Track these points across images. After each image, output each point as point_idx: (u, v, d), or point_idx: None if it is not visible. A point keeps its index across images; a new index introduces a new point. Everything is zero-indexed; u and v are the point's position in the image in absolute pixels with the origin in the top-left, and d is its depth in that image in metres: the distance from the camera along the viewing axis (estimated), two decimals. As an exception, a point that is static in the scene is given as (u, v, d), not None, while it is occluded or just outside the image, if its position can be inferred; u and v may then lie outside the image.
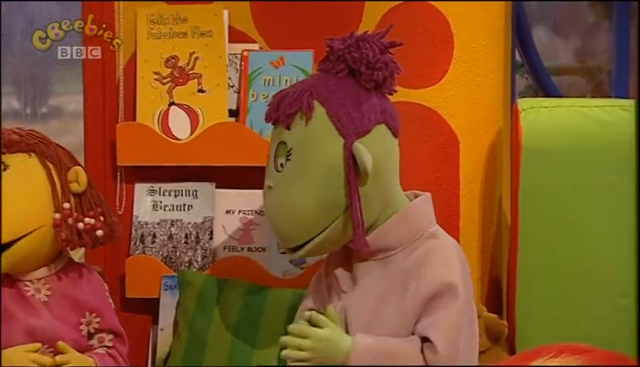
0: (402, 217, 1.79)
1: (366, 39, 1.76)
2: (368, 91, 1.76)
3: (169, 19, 2.27)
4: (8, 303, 1.91)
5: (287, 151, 1.75)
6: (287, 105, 1.75)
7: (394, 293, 1.75)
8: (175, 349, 2.18)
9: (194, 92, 2.27)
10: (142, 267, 2.26)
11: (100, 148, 2.29)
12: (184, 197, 2.29)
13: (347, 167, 1.72)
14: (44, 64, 2.92)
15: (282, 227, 1.79)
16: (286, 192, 1.76)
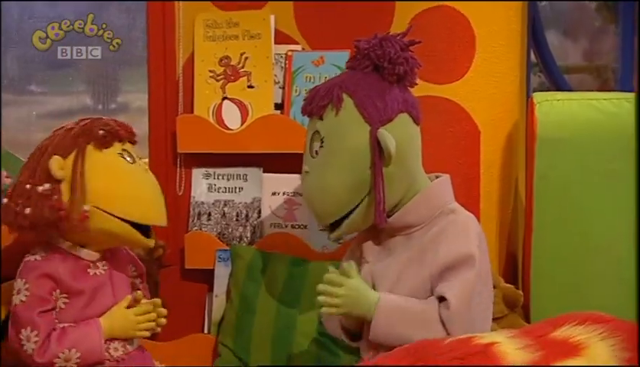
0: (422, 197, 1.77)
1: (388, 38, 1.76)
2: (391, 84, 1.75)
3: (223, 24, 2.28)
4: (74, 281, 1.86)
5: (320, 139, 1.76)
6: (319, 99, 1.76)
7: (415, 262, 1.74)
8: (228, 313, 2.20)
9: (244, 87, 2.27)
10: (199, 242, 2.27)
11: (162, 138, 2.30)
12: (236, 180, 2.30)
13: (373, 151, 1.71)
14: (114, 65, 2.90)
15: (316, 207, 1.80)
16: (320, 175, 1.76)
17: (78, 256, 1.86)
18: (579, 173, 2.05)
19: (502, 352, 1.39)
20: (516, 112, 2.24)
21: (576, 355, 1.37)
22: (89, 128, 1.86)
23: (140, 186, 1.88)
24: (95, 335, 1.81)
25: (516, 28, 2.25)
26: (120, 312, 1.85)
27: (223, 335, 2.18)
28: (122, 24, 2.74)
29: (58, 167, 1.80)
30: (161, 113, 2.32)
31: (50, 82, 2.84)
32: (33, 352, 1.78)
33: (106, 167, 1.84)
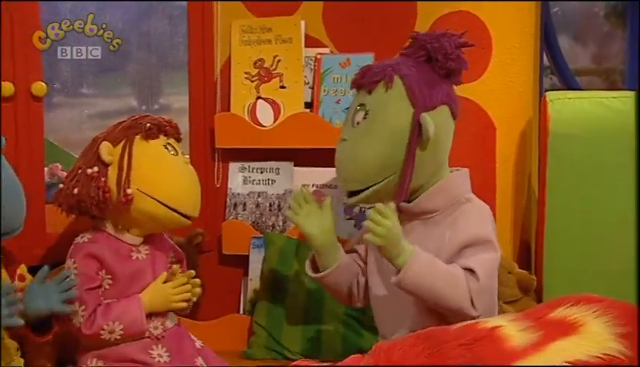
0: (441, 186, 1.76)
1: (446, 35, 1.75)
2: (440, 77, 1.75)
3: (257, 29, 2.28)
4: (118, 263, 1.87)
5: (365, 111, 1.74)
6: (373, 74, 1.75)
7: (432, 244, 1.72)
8: (262, 295, 2.19)
9: (276, 88, 2.27)
10: (235, 230, 2.27)
11: (202, 135, 2.29)
12: (269, 173, 2.30)
13: (412, 132, 1.70)
14: (156, 69, 2.91)
15: (347, 172, 1.78)
16: (357, 143, 1.74)
17: (122, 240, 1.87)
18: (588, 166, 2.03)
19: (506, 335, 1.39)
20: (530, 109, 2.22)
21: (574, 332, 1.37)
22: (138, 121, 1.89)
23: (180, 177, 1.89)
24: (136, 308, 1.83)
25: (529, 32, 2.23)
26: (158, 286, 1.86)
27: (257, 315, 2.18)
28: (165, 30, 2.76)
29: (107, 152, 1.83)
30: (200, 112, 2.32)
31: (99, 86, 2.83)
32: (81, 325, 1.80)
33: (151, 155, 1.86)
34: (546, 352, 1.35)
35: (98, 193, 1.80)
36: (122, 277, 1.85)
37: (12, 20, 2.05)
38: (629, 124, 2.00)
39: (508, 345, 1.36)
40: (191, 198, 1.90)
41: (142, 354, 1.85)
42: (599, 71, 4.02)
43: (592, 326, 1.39)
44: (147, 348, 1.86)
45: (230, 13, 2.29)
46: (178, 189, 1.87)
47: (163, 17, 2.72)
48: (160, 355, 1.87)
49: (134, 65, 2.91)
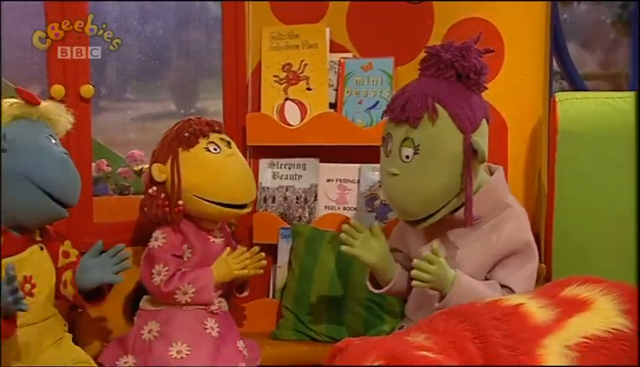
0: (485, 192, 1.73)
1: (469, 49, 1.68)
2: (473, 92, 1.70)
3: (285, 35, 2.28)
4: (198, 241, 1.98)
5: (415, 146, 1.66)
6: (415, 109, 1.65)
7: (481, 249, 1.72)
8: (289, 281, 2.20)
9: (303, 90, 2.27)
10: (265, 221, 2.27)
11: (234, 133, 2.28)
12: (296, 169, 2.30)
13: (467, 157, 1.65)
14: (193, 75, 2.91)
15: (407, 206, 1.71)
16: (414, 178, 1.67)
17: (202, 225, 1.99)
18: (595, 162, 2.00)
19: (530, 312, 1.44)
20: (539, 109, 2.19)
21: (586, 309, 1.43)
22: (178, 133, 1.96)
23: (223, 174, 1.95)
24: (207, 277, 1.95)
25: (539, 37, 2.20)
26: (222, 258, 1.98)
27: (285, 299, 2.19)
28: (201, 39, 2.76)
29: (159, 172, 1.93)
30: (233, 112, 2.33)
31: (141, 91, 2.83)
32: (161, 282, 1.92)
33: (195, 163, 1.93)
34: (566, 328, 1.40)
35: (158, 209, 1.92)
36: (199, 253, 1.97)
37: (61, 26, 2.06)
38: (632, 122, 1.96)
39: (534, 321, 1.41)
40: (238, 189, 1.96)
41: (197, 323, 1.94)
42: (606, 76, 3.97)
43: (601, 303, 1.44)
44: (202, 319, 1.94)
45: (261, 21, 2.30)
46: (224, 186, 1.94)
47: (199, 25, 2.71)
48: (212, 328, 1.95)
49: (173, 72, 2.92)
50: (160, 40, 2.71)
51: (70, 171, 1.78)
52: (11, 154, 1.70)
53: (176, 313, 1.92)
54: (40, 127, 1.78)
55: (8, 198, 1.70)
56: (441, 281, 1.64)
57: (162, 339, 1.90)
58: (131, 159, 2.46)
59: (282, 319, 2.18)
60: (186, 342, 1.88)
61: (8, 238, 1.72)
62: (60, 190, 1.74)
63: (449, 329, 1.37)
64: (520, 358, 1.34)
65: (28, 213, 1.73)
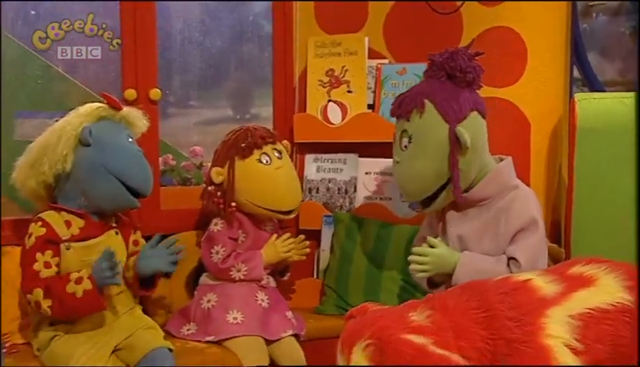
0: (492, 176, 1.74)
1: (457, 52, 1.72)
2: (462, 88, 1.72)
3: (328, 44, 2.29)
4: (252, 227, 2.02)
5: (409, 137, 1.73)
6: (406, 105, 1.73)
7: (489, 227, 1.73)
8: (331, 263, 2.21)
9: (344, 92, 2.27)
10: (310, 209, 2.28)
11: (283, 131, 2.31)
12: (337, 163, 2.30)
13: (452, 144, 1.68)
14: (247, 84, 2.88)
15: (407, 188, 1.78)
16: (410, 165, 1.73)
17: (252, 216, 2.01)
18: (611, 156, 1.95)
19: (537, 286, 1.43)
20: (560, 109, 2.16)
21: (591, 285, 1.41)
22: (236, 142, 1.99)
23: (271, 185, 1.98)
24: (258, 258, 1.99)
25: (560, 43, 2.18)
26: (270, 242, 2.02)
27: (328, 279, 2.20)
28: (254, 52, 2.75)
29: (217, 174, 1.97)
30: (282, 113, 2.35)
31: (203, 99, 2.84)
32: (218, 260, 1.97)
33: (248, 172, 1.97)
34: (572, 300, 1.38)
35: (214, 206, 1.97)
36: (251, 238, 2.02)
37: (135, 32, 2.11)
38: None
39: (540, 293, 1.39)
40: (284, 198, 2.00)
41: (249, 295, 1.98)
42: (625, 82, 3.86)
43: (605, 280, 1.42)
44: (254, 292, 1.98)
45: (307, 31, 2.32)
46: (271, 195, 1.98)
47: (253, 39, 2.72)
48: (262, 300, 1.98)
49: (230, 81, 2.92)
50: (219, 53, 2.72)
51: (144, 166, 1.82)
52: (94, 148, 1.75)
53: (231, 287, 1.96)
54: (120, 127, 1.82)
55: (90, 186, 1.75)
56: (440, 268, 1.69)
57: (220, 307, 1.94)
58: (192, 154, 2.50)
59: (324, 296, 2.19)
60: (240, 310, 1.92)
61: (90, 222, 1.77)
62: (134, 182, 1.78)
63: (460, 306, 1.37)
64: (524, 329, 1.32)
65: (106, 200, 1.78)
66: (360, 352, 1.28)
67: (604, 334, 1.34)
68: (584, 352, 1.31)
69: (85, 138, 1.74)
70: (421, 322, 1.32)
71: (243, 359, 1.84)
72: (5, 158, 1.93)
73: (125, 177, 1.76)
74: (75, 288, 1.64)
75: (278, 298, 2.03)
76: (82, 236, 1.75)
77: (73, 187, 1.76)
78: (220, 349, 1.87)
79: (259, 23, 2.65)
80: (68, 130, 1.74)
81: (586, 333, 1.33)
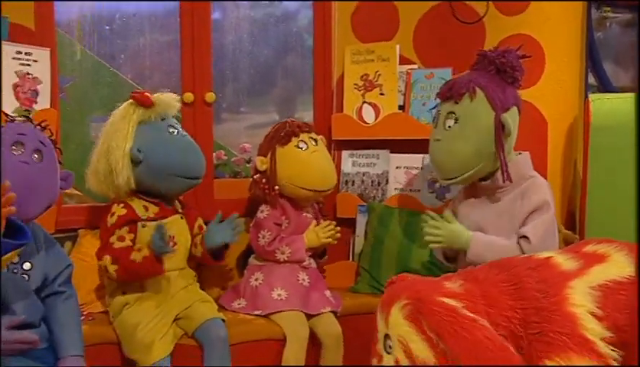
0: (513, 165, 1.74)
1: (509, 51, 1.73)
2: (508, 84, 1.72)
3: (363, 52, 2.30)
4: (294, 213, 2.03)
5: (455, 118, 1.72)
6: (458, 88, 1.72)
7: (506, 212, 1.72)
8: (365, 247, 2.22)
9: (377, 95, 2.27)
10: (346, 200, 2.29)
11: (323, 130, 2.32)
12: (371, 158, 2.30)
13: (497, 130, 1.68)
14: (292, 91, 2.88)
15: (445, 165, 1.76)
16: (452, 143, 1.72)
17: (296, 203, 2.03)
18: (622, 151, 1.93)
19: (558, 262, 1.43)
20: (575, 108, 2.14)
21: (605, 261, 1.41)
22: (276, 132, 2.02)
23: (308, 167, 1.99)
24: (300, 242, 2.01)
25: (575, 49, 2.16)
26: (312, 229, 2.04)
27: (362, 262, 2.21)
28: (297, 63, 2.75)
29: (261, 163, 2.00)
30: (321, 113, 2.37)
31: (252, 105, 2.84)
32: (265, 244, 1.99)
33: (287, 157, 1.99)
34: (590, 274, 1.38)
35: (260, 192, 2.00)
36: (294, 223, 2.03)
37: (193, 45, 2.16)
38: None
39: (562, 268, 1.40)
40: (320, 178, 2.00)
41: (292, 275, 2.00)
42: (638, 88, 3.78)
43: (616, 257, 1.42)
44: (296, 272, 2.00)
45: (344, 40, 2.33)
46: (308, 176, 1.98)
47: (296, 48, 2.72)
48: (303, 279, 2.00)
49: (276, 89, 2.92)
50: (266, 63, 2.73)
51: (189, 152, 1.86)
52: (146, 160, 1.81)
53: (276, 267, 1.99)
54: (158, 125, 1.85)
55: (156, 185, 1.84)
56: (451, 242, 1.70)
57: (266, 285, 1.97)
58: (242, 151, 2.54)
59: (359, 277, 2.20)
60: (284, 288, 1.95)
61: (162, 208, 1.86)
62: (185, 169, 1.84)
63: (490, 278, 1.37)
64: (551, 299, 1.33)
65: (169, 190, 1.87)
66: (399, 311, 1.29)
67: (620, 303, 1.34)
68: (605, 318, 1.32)
69: (137, 158, 1.80)
70: (454, 289, 1.32)
71: (286, 331, 1.86)
72: (83, 155, 2.00)
73: (176, 169, 1.82)
74: (136, 256, 1.73)
75: (318, 278, 2.04)
76: (155, 218, 1.83)
77: (145, 187, 1.85)
78: (266, 321, 1.90)
79: (302, 36, 2.66)
80: (119, 156, 1.80)
81: (605, 302, 1.33)
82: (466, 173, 1.72)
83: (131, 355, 1.75)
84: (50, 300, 1.60)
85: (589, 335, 1.29)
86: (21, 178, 1.47)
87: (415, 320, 1.27)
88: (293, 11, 2.69)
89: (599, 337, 1.29)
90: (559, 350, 1.28)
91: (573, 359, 1.27)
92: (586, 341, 1.28)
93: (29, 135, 1.53)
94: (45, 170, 1.55)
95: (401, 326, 1.28)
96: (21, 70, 1.87)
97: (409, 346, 1.26)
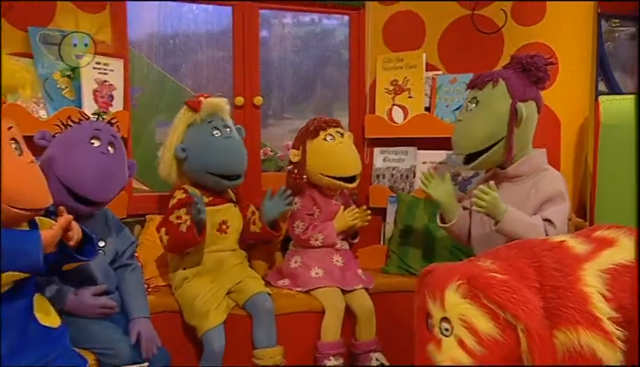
0: (527, 158, 1.73)
1: (537, 54, 1.73)
2: (531, 82, 1.72)
3: (393, 60, 2.30)
4: (323, 202, 2.02)
5: (476, 102, 1.72)
6: (484, 77, 1.73)
7: (520, 200, 1.70)
8: (394, 233, 2.21)
9: (406, 98, 2.27)
10: (378, 191, 2.30)
11: (357, 129, 2.34)
12: (400, 155, 2.30)
13: (511, 115, 1.68)
14: (329, 99, 2.83)
15: (460, 142, 1.76)
16: (470, 122, 1.73)
17: (324, 192, 2.03)
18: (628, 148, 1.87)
19: (571, 246, 1.41)
20: (586, 110, 2.10)
21: (614, 245, 1.39)
22: (307, 127, 2.03)
23: (334, 157, 1.98)
24: (331, 228, 2.00)
25: (586, 56, 2.13)
26: (340, 215, 2.03)
27: (392, 246, 2.20)
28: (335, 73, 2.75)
29: (293, 155, 2.01)
30: (356, 115, 2.37)
31: (294, 111, 2.84)
32: (300, 232, 2.00)
33: (316, 149, 1.99)
34: (600, 257, 1.37)
35: (293, 180, 2.01)
36: (324, 211, 2.03)
37: (244, 58, 2.19)
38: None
39: (575, 251, 1.38)
40: (344, 166, 1.98)
41: (327, 257, 2.00)
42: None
43: (624, 242, 1.40)
44: (330, 254, 2.00)
45: (376, 50, 2.33)
46: (334, 164, 1.98)
47: (333, 60, 2.74)
48: (337, 260, 2.00)
49: (316, 97, 2.91)
50: (307, 74, 2.75)
51: (227, 153, 1.86)
52: (187, 158, 1.86)
53: (312, 251, 2.00)
54: (203, 127, 1.85)
55: (200, 180, 1.87)
56: (494, 209, 1.63)
57: (304, 267, 1.98)
58: (286, 148, 2.55)
59: (389, 259, 2.20)
60: (320, 267, 1.96)
61: (215, 197, 1.90)
62: (220, 169, 1.86)
63: (512, 256, 1.36)
64: (567, 278, 1.31)
65: (212, 185, 1.89)
66: (454, 292, 1.24)
67: (626, 285, 1.33)
68: (612, 299, 1.30)
69: (179, 156, 1.85)
70: (490, 266, 1.30)
71: (324, 304, 1.89)
72: (150, 152, 2.07)
73: (214, 170, 1.84)
74: (182, 227, 1.76)
75: (350, 258, 2.04)
76: (210, 204, 1.87)
77: (193, 181, 1.90)
78: (307, 296, 1.93)
79: (339, 50, 2.67)
80: (168, 152, 1.86)
81: (613, 284, 1.32)
82: (480, 156, 1.70)
83: (190, 322, 1.79)
84: (120, 272, 1.67)
85: (598, 313, 1.28)
86: (101, 166, 1.55)
87: (473, 297, 1.22)
88: (331, 29, 2.72)
89: (607, 316, 1.28)
90: (568, 323, 1.27)
91: (581, 333, 1.26)
92: (594, 318, 1.27)
93: (104, 130, 1.60)
94: (118, 159, 1.61)
95: (460, 305, 1.23)
96: (99, 78, 1.95)
97: (472, 322, 1.21)
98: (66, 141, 1.56)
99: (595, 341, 1.25)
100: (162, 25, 2.47)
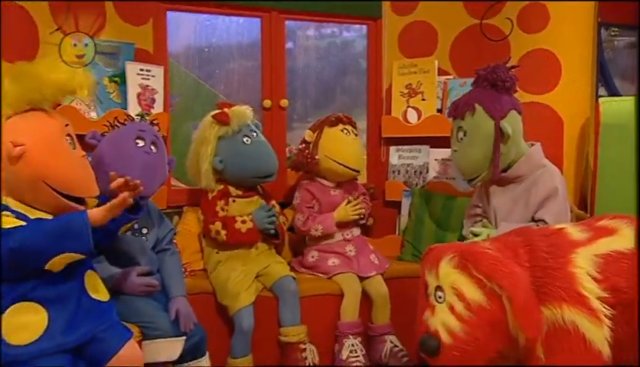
0: (525, 158, 1.71)
1: (498, 66, 1.70)
2: (502, 93, 1.69)
3: (408, 66, 2.29)
4: (321, 195, 2.00)
5: (464, 132, 1.71)
6: (460, 108, 1.71)
7: (522, 199, 1.69)
8: (409, 224, 2.21)
9: (419, 100, 2.26)
10: (394, 186, 2.29)
11: (374, 130, 2.34)
12: (414, 152, 2.29)
13: (497, 135, 1.66)
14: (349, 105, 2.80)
15: (463, 169, 1.76)
16: (465, 152, 1.72)
17: (323, 184, 2.02)
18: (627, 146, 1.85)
19: (569, 233, 1.40)
20: (587, 111, 2.07)
21: (614, 234, 1.37)
22: (328, 118, 2.04)
23: (348, 146, 1.99)
24: (329, 220, 1.98)
25: (587, 61, 2.09)
26: (342, 207, 2.00)
27: (406, 236, 2.20)
28: (354, 80, 2.75)
29: (308, 135, 2.01)
30: (373, 116, 2.37)
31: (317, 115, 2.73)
32: (300, 224, 1.98)
33: (332, 135, 2.00)
34: (598, 243, 1.34)
35: (303, 158, 1.99)
36: (323, 203, 2.00)
37: (271, 66, 2.20)
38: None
39: (572, 237, 1.37)
40: (351, 158, 1.99)
41: (340, 248, 1.99)
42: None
43: (625, 231, 1.37)
44: (343, 245, 1.99)
45: (392, 57, 2.32)
46: (347, 153, 1.97)
47: (352, 69, 2.74)
48: (350, 250, 1.98)
49: (336, 103, 2.91)
50: (328, 81, 2.76)
51: (261, 157, 1.88)
52: (225, 168, 1.87)
53: (326, 245, 1.99)
54: (234, 139, 1.86)
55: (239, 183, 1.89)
56: None
57: (321, 259, 1.98)
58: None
59: (403, 248, 2.19)
60: (336, 257, 1.96)
61: (245, 191, 1.92)
62: (258, 172, 1.88)
63: (509, 239, 1.37)
64: (557, 260, 1.30)
65: (249, 184, 1.92)
66: (447, 263, 1.29)
67: (622, 270, 1.30)
68: (603, 280, 1.28)
69: (219, 168, 1.86)
70: (486, 245, 1.33)
71: (343, 287, 1.89)
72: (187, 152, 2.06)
73: (251, 172, 1.87)
74: (241, 226, 1.80)
75: (363, 245, 2.02)
76: (242, 196, 1.90)
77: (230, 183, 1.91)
78: (327, 280, 1.93)
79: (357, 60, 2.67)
80: (205, 165, 1.85)
81: (606, 268, 1.29)
82: (482, 174, 1.71)
83: (223, 302, 1.82)
84: (160, 256, 1.71)
85: (585, 292, 1.26)
86: (146, 164, 1.58)
87: (464, 268, 1.26)
88: (350, 40, 2.73)
89: (595, 296, 1.26)
90: (553, 300, 1.26)
91: (565, 309, 1.25)
92: (580, 296, 1.26)
93: (147, 131, 1.63)
94: (159, 157, 1.65)
95: (452, 275, 1.27)
96: (142, 83, 1.99)
97: (461, 290, 1.26)
98: (114, 141, 1.60)
99: (579, 317, 1.24)
100: (198, 37, 2.51)
